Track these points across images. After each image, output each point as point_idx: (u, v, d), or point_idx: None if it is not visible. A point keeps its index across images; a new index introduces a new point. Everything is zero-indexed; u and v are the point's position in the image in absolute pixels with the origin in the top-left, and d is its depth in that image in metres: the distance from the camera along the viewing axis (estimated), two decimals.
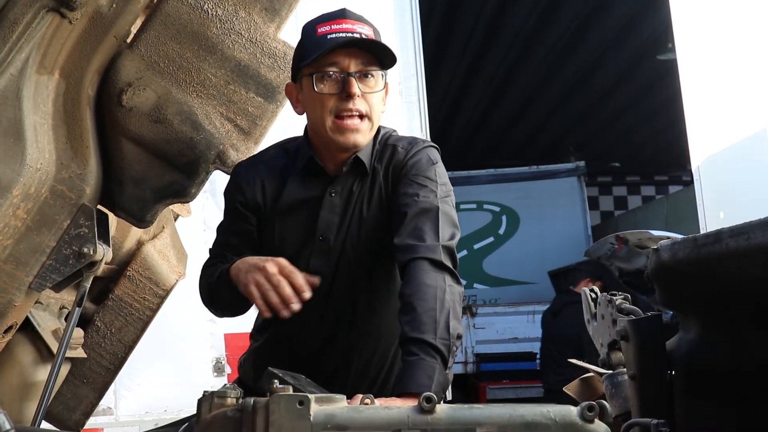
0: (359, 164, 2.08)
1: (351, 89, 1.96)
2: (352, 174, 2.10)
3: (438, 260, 1.93)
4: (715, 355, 1.51)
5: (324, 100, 1.99)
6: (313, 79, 1.99)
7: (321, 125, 2.02)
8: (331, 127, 2.00)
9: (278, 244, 2.12)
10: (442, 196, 2.06)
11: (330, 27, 2.00)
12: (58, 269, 1.81)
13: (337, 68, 1.98)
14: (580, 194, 12.10)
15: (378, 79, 2.03)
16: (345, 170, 2.08)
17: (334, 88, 1.99)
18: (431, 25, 9.45)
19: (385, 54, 2.01)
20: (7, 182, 1.68)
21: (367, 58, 2.00)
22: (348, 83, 1.97)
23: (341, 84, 1.98)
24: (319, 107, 2.00)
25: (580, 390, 2.25)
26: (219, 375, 5.25)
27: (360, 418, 1.18)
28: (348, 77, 1.97)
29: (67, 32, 1.81)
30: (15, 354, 2.12)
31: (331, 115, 1.99)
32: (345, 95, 1.97)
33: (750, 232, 1.23)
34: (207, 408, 1.22)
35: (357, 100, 1.98)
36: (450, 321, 1.83)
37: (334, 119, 1.99)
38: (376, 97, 2.03)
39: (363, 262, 2.10)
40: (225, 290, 2.00)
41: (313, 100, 2.02)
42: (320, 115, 2.01)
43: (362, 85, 1.99)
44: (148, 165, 1.97)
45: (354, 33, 1.98)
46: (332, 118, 1.99)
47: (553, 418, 1.16)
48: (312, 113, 2.05)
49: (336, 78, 1.98)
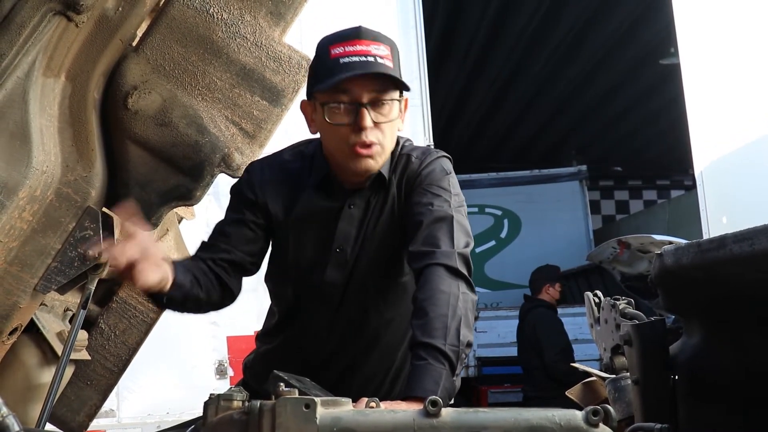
0: (380, 178, 2.08)
1: (363, 122, 1.92)
2: (371, 187, 2.09)
3: (454, 267, 1.92)
4: (718, 359, 1.52)
5: (336, 131, 1.96)
6: (325, 111, 1.95)
7: (336, 151, 2.01)
8: (345, 153, 1.97)
9: (293, 253, 2.12)
10: (456, 206, 2.05)
11: (344, 49, 1.94)
12: (63, 271, 1.82)
13: (348, 98, 1.93)
14: (582, 198, 12.10)
15: (392, 106, 1.98)
16: (368, 185, 2.07)
17: (346, 118, 1.94)
18: (433, 29, 9.45)
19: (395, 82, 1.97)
20: (14, 185, 1.69)
21: (380, 85, 1.95)
22: (360, 116, 1.93)
23: (353, 115, 1.94)
24: (332, 135, 1.99)
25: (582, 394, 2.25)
26: (221, 377, 5.25)
27: (366, 421, 1.18)
28: (359, 108, 1.93)
29: (73, 35, 1.82)
30: (20, 356, 2.12)
31: (345, 145, 1.97)
32: (357, 128, 1.93)
33: (754, 238, 1.23)
34: (213, 411, 1.22)
35: (369, 132, 1.94)
36: (461, 328, 1.83)
37: (348, 148, 1.97)
38: (389, 125, 1.99)
39: (375, 272, 2.10)
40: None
41: (326, 128, 1.99)
42: (334, 143, 1.99)
43: (375, 113, 1.95)
44: (153, 168, 1.98)
45: (368, 56, 1.93)
46: (346, 146, 1.97)
47: (558, 422, 1.16)
48: (325, 139, 2.03)
49: (348, 109, 1.94)
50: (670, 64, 9.12)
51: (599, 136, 13.92)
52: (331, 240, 2.09)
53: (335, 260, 2.09)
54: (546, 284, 7.18)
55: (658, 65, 10.00)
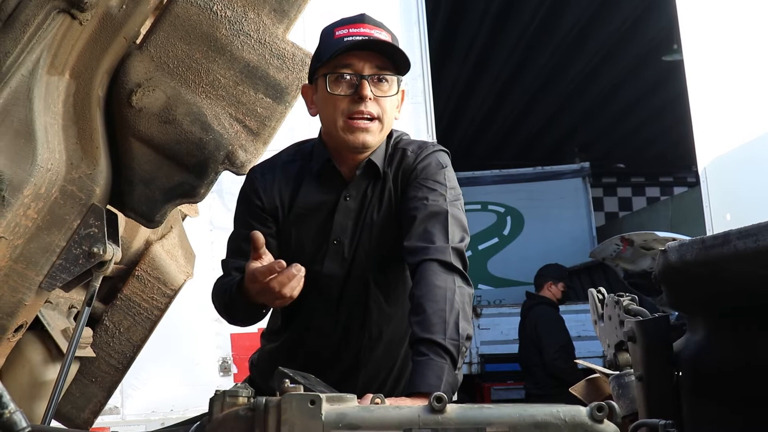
0: (372, 167, 2.09)
1: (363, 91, 1.97)
2: (365, 177, 2.10)
3: (448, 262, 1.94)
4: (722, 356, 1.52)
5: (336, 101, 2.00)
6: (327, 80, 2.00)
7: (333, 125, 2.03)
8: (341, 126, 2.01)
9: (294, 248, 2.13)
10: (452, 199, 2.06)
11: (348, 30, 2.01)
12: (68, 269, 1.82)
13: (351, 70, 1.99)
14: (585, 195, 12.09)
15: (392, 84, 2.03)
16: (358, 173, 2.09)
17: (347, 90, 2.00)
18: (436, 26, 9.45)
19: (400, 58, 2.01)
20: (18, 182, 1.69)
21: (382, 62, 2.01)
22: (361, 86, 1.97)
23: (354, 86, 1.99)
24: (332, 108, 2.02)
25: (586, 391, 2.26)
26: (225, 375, 5.27)
27: (371, 417, 1.18)
28: (361, 79, 1.98)
29: (77, 33, 1.82)
30: (25, 353, 2.12)
31: (343, 116, 2.00)
32: (357, 97, 1.98)
33: (758, 234, 1.23)
34: (219, 407, 1.22)
35: (369, 103, 1.98)
36: (459, 322, 1.84)
37: (345, 119, 2.00)
38: (388, 101, 2.03)
39: (374, 265, 2.12)
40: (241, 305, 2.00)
41: (326, 100, 2.03)
42: (332, 116, 2.02)
43: (375, 88, 2.00)
44: (157, 165, 1.98)
45: (371, 37, 1.99)
46: (344, 118, 2.00)
47: (563, 418, 1.16)
48: (324, 113, 2.06)
49: (350, 80, 1.99)
50: (673, 60, 9.11)
51: (602, 133, 13.92)
52: (328, 232, 2.11)
53: (333, 252, 2.11)
54: (549, 281, 7.19)
55: (661, 62, 9.99)
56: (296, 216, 2.12)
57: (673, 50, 8.99)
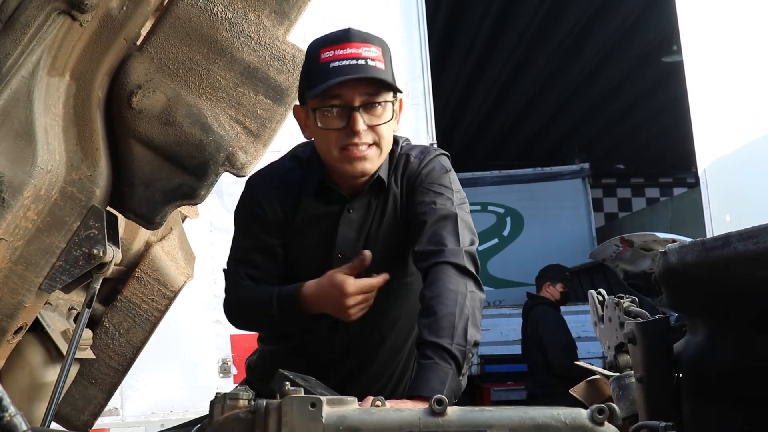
0: (379, 182, 2.08)
1: (355, 126, 1.93)
2: (370, 191, 2.09)
3: (462, 265, 1.92)
4: (723, 358, 1.51)
5: (329, 135, 1.97)
6: (317, 116, 1.96)
7: (329, 155, 2.01)
8: (337, 157, 1.98)
9: (295, 260, 2.12)
10: (459, 203, 2.05)
11: (333, 53, 1.94)
12: (68, 270, 1.82)
13: (341, 101, 1.94)
14: (585, 196, 12.10)
15: (386, 108, 1.98)
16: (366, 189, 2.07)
17: (338, 123, 1.95)
18: (436, 27, 9.45)
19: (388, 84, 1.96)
20: (18, 184, 1.69)
21: (372, 88, 1.95)
22: (352, 119, 1.93)
23: (346, 119, 1.94)
24: (325, 140, 1.99)
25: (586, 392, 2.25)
26: (225, 376, 5.26)
27: (371, 419, 1.18)
28: (352, 112, 1.93)
29: (77, 35, 1.82)
30: (25, 355, 2.12)
31: (337, 148, 1.97)
32: (350, 131, 1.94)
33: (759, 236, 1.23)
34: (219, 409, 1.22)
35: (363, 133, 1.94)
36: (468, 328, 1.83)
37: (339, 150, 1.97)
38: (384, 125, 1.99)
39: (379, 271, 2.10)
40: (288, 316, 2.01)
41: (317, 133, 1.99)
42: (327, 147, 1.99)
43: (368, 116, 1.96)
44: (157, 167, 1.98)
45: (359, 58, 1.92)
46: (338, 149, 1.97)
47: (564, 420, 1.16)
48: (319, 144, 2.03)
49: (340, 112, 1.95)
50: (673, 61, 9.11)
51: (602, 134, 13.91)
52: (332, 245, 2.09)
53: (337, 263, 2.08)
54: (547, 282, 7.20)
55: (660, 63, 9.99)
56: (298, 227, 2.10)
57: (673, 51, 9.00)
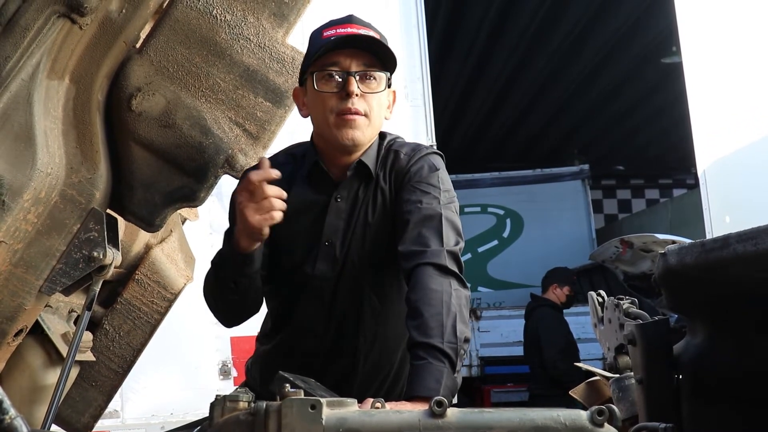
0: (363, 168, 2.09)
1: (350, 87, 1.98)
2: (357, 179, 2.10)
3: (443, 265, 1.94)
4: (722, 359, 1.52)
5: (325, 99, 2.01)
6: (314, 78, 2.01)
7: (323, 123, 2.04)
8: (333, 122, 2.01)
9: (285, 248, 2.13)
10: (445, 202, 2.06)
11: (335, 30, 2.02)
12: (68, 273, 1.82)
13: (338, 68, 2.00)
14: (584, 197, 12.10)
15: (380, 81, 2.04)
16: (349, 174, 2.09)
17: (334, 87, 2.00)
18: (435, 29, 9.46)
19: (386, 54, 2.02)
20: (18, 187, 1.69)
21: (369, 60, 2.02)
22: (347, 82, 1.98)
23: (342, 83, 1.99)
24: (321, 106, 2.02)
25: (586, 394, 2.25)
26: (225, 378, 5.26)
27: (371, 422, 1.18)
28: (347, 76, 1.99)
29: (77, 38, 1.82)
30: (25, 357, 2.13)
31: (332, 113, 2.01)
32: (344, 94, 1.98)
33: (758, 237, 1.23)
34: (219, 411, 1.22)
35: (356, 100, 1.99)
36: (457, 325, 1.84)
37: (335, 116, 2.01)
38: (376, 98, 2.03)
39: (367, 266, 2.11)
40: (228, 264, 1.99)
41: (314, 98, 2.03)
42: (322, 114, 2.03)
43: (363, 85, 2.00)
44: (157, 169, 1.98)
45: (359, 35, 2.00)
46: (333, 115, 2.01)
47: (563, 422, 1.16)
48: (314, 113, 2.07)
49: (337, 78, 2.00)
50: (672, 63, 9.12)
51: (601, 135, 13.92)
52: (319, 234, 2.10)
53: (324, 253, 2.10)
54: (554, 284, 7.18)
55: (660, 64, 10.00)
56: (287, 216, 2.11)
57: (672, 52, 9.01)
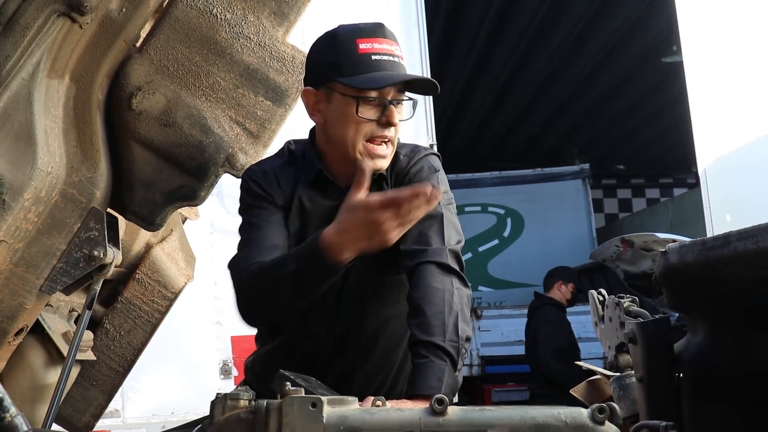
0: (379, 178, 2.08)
1: (392, 119, 1.95)
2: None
3: (445, 263, 1.94)
4: (723, 358, 1.51)
5: (361, 124, 1.96)
6: (358, 103, 1.95)
7: (349, 146, 1.99)
8: (360, 150, 1.97)
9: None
10: (445, 203, 2.06)
11: (372, 46, 1.95)
12: (68, 272, 1.82)
13: (378, 93, 1.95)
14: (585, 197, 12.08)
15: (408, 107, 2.03)
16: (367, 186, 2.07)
17: (373, 114, 1.96)
18: (436, 28, 9.46)
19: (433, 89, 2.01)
20: (19, 186, 1.69)
21: (402, 85, 1.99)
22: (389, 112, 1.95)
23: (381, 111, 1.95)
24: (353, 130, 1.97)
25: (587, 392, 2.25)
26: (226, 377, 5.26)
27: (372, 420, 1.18)
28: (389, 105, 1.95)
29: (77, 37, 1.82)
30: (26, 356, 2.13)
31: (364, 139, 1.97)
32: (384, 122, 1.95)
33: (758, 235, 1.23)
34: (220, 410, 1.22)
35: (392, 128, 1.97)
36: (458, 323, 1.84)
37: (365, 143, 1.97)
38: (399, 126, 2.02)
39: (371, 269, 2.10)
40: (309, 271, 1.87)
41: (347, 120, 1.97)
42: (351, 137, 1.98)
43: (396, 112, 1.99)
44: (157, 168, 1.98)
45: (394, 56, 1.97)
46: (363, 141, 1.97)
47: (564, 419, 1.16)
48: (341, 132, 2.00)
49: (376, 104, 1.96)
50: (673, 62, 9.11)
51: (602, 135, 13.91)
52: None
53: None
54: (559, 281, 7.12)
55: (660, 63, 9.99)
56: (292, 221, 2.10)
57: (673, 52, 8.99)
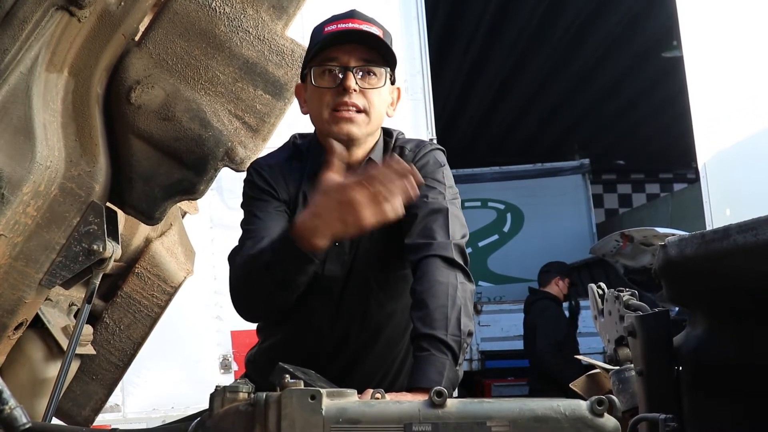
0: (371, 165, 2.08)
1: (347, 82, 1.97)
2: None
3: (450, 257, 1.94)
4: (722, 350, 1.51)
5: (322, 94, 2.00)
6: (312, 73, 2.00)
7: (320, 119, 2.03)
8: (327, 119, 2.00)
9: None
10: (450, 198, 2.07)
11: (336, 26, 2.01)
12: (68, 266, 1.82)
13: (337, 63, 1.99)
14: (585, 192, 12.10)
15: (380, 77, 2.03)
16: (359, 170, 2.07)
17: (332, 82, 2.00)
18: (435, 23, 9.45)
19: (385, 50, 2.01)
20: (18, 180, 1.69)
21: (369, 55, 2.00)
22: (345, 77, 1.98)
23: (340, 78, 1.99)
24: (318, 101, 2.02)
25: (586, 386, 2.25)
26: (226, 372, 5.27)
27: (371, 412, 1.18)
28: (346, 71, 1.98)
29: (76, 30, 1.82)
30: (25, 351, 2.13)
31: (328, 108, 2.00)
32: (342, 89, 1.98)
33: (758, 228, 1.23)
34: (219, 402, 1.22)
35: (354, 95, 1.98)
36: (461, 318, 1.84)
37: (330, 111, 2.00)
38: (376, 94, 2.02)
39: (374, 264, 2.10)
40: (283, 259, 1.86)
41: (313, 94, 2.03)
42: (319, 109, 2.02)
43: (362, 81, 2.00)
44: (157, 162, 1.98)
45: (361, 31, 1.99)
46: (329, 110, 2.00)
47: (563, 412, 1.16)
48: (313, 109, 2.06)
49: (336, 73, 1.99)
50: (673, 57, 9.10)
51: (602, 130, 13.91)
52: None
53: (333, 254, 2.08)
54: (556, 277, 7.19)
55: (660, 58, 9.99)
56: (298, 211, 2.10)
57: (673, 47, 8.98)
